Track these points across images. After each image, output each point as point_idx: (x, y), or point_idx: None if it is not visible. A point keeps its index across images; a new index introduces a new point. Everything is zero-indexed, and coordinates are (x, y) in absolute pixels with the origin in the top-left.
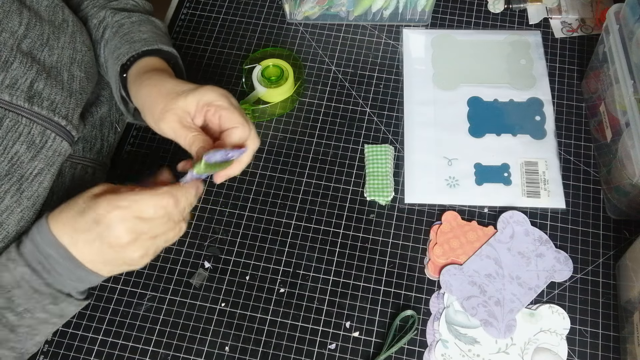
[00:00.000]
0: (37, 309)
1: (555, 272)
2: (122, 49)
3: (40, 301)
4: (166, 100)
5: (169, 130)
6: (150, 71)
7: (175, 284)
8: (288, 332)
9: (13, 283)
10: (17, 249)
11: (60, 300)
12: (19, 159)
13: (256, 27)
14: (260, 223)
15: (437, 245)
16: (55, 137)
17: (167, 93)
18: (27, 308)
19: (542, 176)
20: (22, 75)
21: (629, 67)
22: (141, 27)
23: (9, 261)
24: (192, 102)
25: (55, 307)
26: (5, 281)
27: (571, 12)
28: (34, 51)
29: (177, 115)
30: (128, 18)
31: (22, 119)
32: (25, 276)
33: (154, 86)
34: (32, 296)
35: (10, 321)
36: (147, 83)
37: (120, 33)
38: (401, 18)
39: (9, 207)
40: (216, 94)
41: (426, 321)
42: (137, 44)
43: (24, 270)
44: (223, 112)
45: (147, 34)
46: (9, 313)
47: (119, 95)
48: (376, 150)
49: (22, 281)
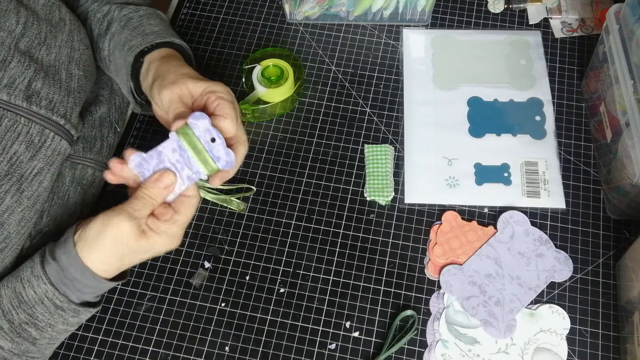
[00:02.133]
0: (59, 322)
1: (555, 272)
2: (134, 41)
3: (62, 316)
4: (179, 76)
5: (167, 98)
6: (172, 56)
7: (175, 284)
8: (288, 332)
9: (36, 300)
10: (41, 267)
11: (81, 312)
12: (18, 159)
13: (256, 27)
14: (260, 223)
15: (437, 245)
16: (54, 136)
17: (183, 74)
18: (49, 323)
19: (542, 176)
20: (20, 75)
21: (629, 67)
22: (150, 20)
23: (32, 277)
24: (200, 87)
25: (75, 319)
26: (28, 297)
27: (571, 12)
28: (32, 50)
29: (181, 90)
30: (136, 12)
31: (21, 119)
32: (48, 294)
33: (173, 66)
34: (54, 312)
35: (32, 335)
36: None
37: (129, 26)
38: (401, 18)
39: (9, 207)
40: (224, 88)
41: (426, 321)
42: (150, 36)
43: (47, 288)
44: (222, 102)
45: (157, 26)
46: (31, 328)
47: (128, 86)
48: (376, 150)
49: (45, 298)
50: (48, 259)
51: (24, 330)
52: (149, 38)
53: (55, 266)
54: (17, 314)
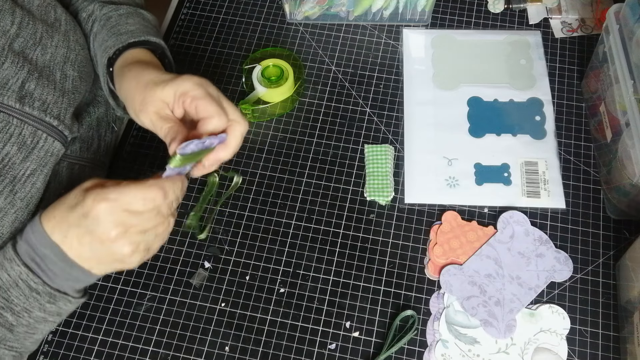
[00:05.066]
0: (35, 308)
1: (555, 272)
2: (108, 42)
3: (38, 300)
4: (145, 91)
5: (147, 121)
6: (133, 63)
7: (175, 284)
8: (288, 332)
9: (10, 282)
10: (13, 249)
11: (58, 299)
12: (10, 160)
13: (256, 27)
14: (260, 223)
15: (437, 245)
16: (46, 137)
17: (146, 84)
18: (24, 307)
19: (542, 176)
20: (14, 75)
21: (629, 67)
22: (129, 19)
23: (5, 260)
24: (169, 92)
25: (52, 306)
26: (2, 281)
27: (571, 12)
28: (27, 50)
29: (155, 107)
30: (115, 11)
31: (13, 120)
32: (22, 275)
33: (133, 78)
34: (29, 295)
35: (8, 320)
36: (128, 75)
37: (107, 26)
38: (401, 18)
39: (2, 209)
40: (192, 84)
41: (426, 321)
42: (124, 36)
43: (20, 270)
44: (198, 102)
45: (134, 26)
46: (6, 312)
47: (107, 88)
48: (376, 150)
49: (19, 280)
50: (18, 240)
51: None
52: (122, 38)
53: (24, 245)
54: None
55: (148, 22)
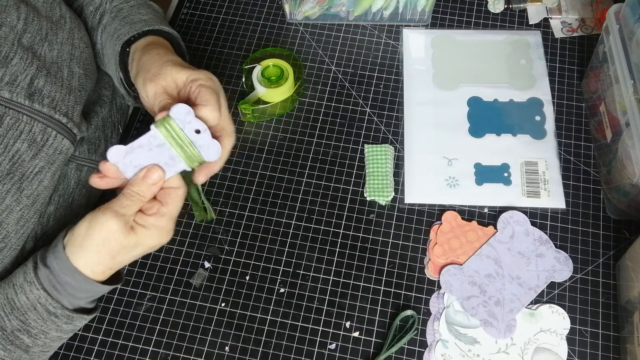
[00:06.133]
0: (52, 329)
1: (555, 272)
2: (122, 30)
3: (56, 322)
4: (162, 66)
5: (151, 91)
6: (157, 44)
7: (175, 284)
8: (288, 332)
9: (29, 306)
10: (34, 271)
11: (75, 319)
12: (20, 158)
13: (256, 27)
14: (260, 223)
15: (437, 245)
16: (56, 135)
17: (166, 61)
18: (42, 330)
19: (542, 176)
20: (22, 72)
21: (629, 67)
22: (140, 9)
23: (25, 283)
24: (183, 75)
25: (69, 326)
26: (21, 303)
27: (571, 12)
28: (35, 46)
29: (165, 82)
30: (126, 3)
31: (23, 117)
32: (41, 300)
33: (157, 54)
34: (47, 319)
35: (24, 342)
36: (152, 52)
37: (119, 16)
38: (401, 18)
39: (8, 207)
40: (206, 75)
41: (426, 321)
42: (138, 24)
43: (39, 294)
44: (203, 89)
45: (146, 15)
46: (24, 335)
47: (117, 76)
48: (376, 150)
49: (37, 304)
50: (39, 264)
51: (16, 337)
52: (136, 26)
53: (45, 271)
54: (9, 320)
55: (158, 13)
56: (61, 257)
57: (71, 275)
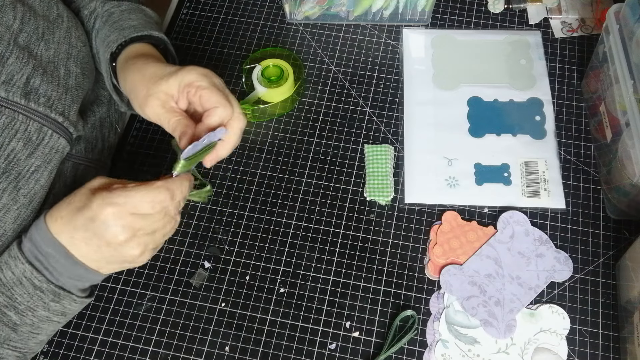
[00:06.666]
0: (39, 306)
1: (555, 272)
2: (111, 37)
3: (42, 298)
4: (149, 84)
5: (152, 115)
6: (136, 56)
7: (175, 284)
8: (288, 332)
9: (14, 280)
10: (18, 247)
11: (62, 297)
12: (16, 157)
13: (256, 27)
14: (260, 223)
15: (437, 245)
16: (52, 134)
17: (150, 77)
18: (28, 306)
19: (542, 176)
20: (18, 71)
21: (629, 67)
22: (131, 15)
23: (10, 258)
24: (173, 84)
25: (57, 305)
26: (6, 279)
27: (571, 12)
28: (31, 45)
29: (159, 100)
30: (117, 7)
31: (19, 116)
32: (26, 273)
33: (137, 71)
34: (33, 293)
35: (12, 320)
36: (132, 69)
37: (110, 22)
38: (401, 18)
39: (5, 205)
40: (197, 74)
41: (426, 321)
42: (126, 30)
43: (24, 268)
44: (203, 92)
45: (136, 21)
46: (10, 311)
47: (110, 84)
48: (376, 150)
49: (23, 278)
50: (23, 238)
51: (3, 314)
52: (125, 33)
53: (28, 243)
54: None
55: (150, 18)
56: (41, 227)
57: (53, 247)
